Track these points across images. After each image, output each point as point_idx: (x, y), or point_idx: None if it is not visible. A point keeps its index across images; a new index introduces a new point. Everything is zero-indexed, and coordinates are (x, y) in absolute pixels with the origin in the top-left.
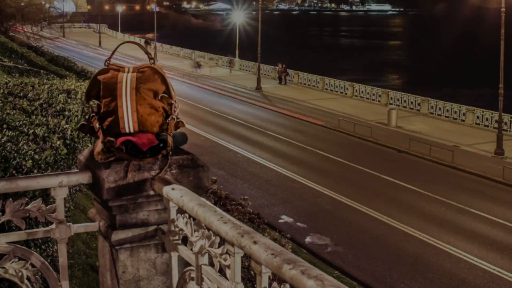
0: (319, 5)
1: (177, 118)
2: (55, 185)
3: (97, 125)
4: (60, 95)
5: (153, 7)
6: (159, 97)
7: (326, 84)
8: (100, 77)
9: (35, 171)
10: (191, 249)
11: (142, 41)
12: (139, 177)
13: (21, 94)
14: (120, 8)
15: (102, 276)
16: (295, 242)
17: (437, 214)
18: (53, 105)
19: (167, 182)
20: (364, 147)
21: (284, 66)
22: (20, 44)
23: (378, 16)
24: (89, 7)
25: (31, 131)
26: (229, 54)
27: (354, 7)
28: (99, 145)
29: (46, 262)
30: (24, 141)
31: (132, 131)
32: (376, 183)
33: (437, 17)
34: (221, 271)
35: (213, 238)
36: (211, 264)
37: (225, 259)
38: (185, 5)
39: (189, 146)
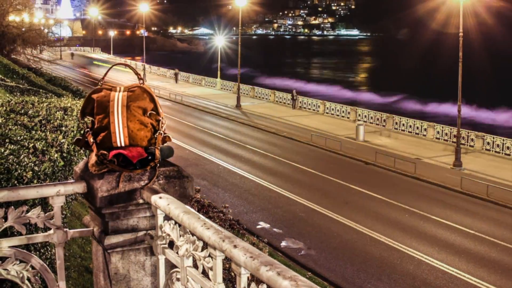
0: (293, 30)
1: (164, 133)
2: (53, 194)
3: (91, 139)
4: (57, 112)
5: (142, 32)
6: (148, 114)
7: (300, 102)
8: (94, 96)
9: (35, 181)
10: (177, 253)
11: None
12: (130, 187)
13: (22, 111)
14: (112, 33)
15: (96, 277)
16: (271, 246)
17: (401, 220)
18: (51, 121)
19: (155, 192)
20: (334, 160)
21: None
22: (21, 66)
23: (347, 40)
24: (84, 32)
25: (31, 145)
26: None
27: (325, 32)
28: (93, 158)
29: (44, 264)
30: (25, 154)
31: (123, 145)
32: (345, 192)
33: (401, 41)
34: (204, 273)
35: (197, 242)
36: (195, 266)
37: (208, 262)
38: (171, 30)
39: (175, 158)
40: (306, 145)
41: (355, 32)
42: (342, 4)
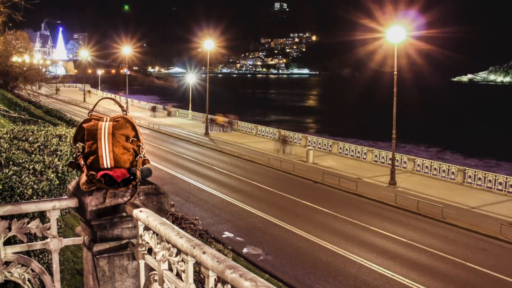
0: (253, 69)
1: (144, 157)
2: (49, 208)
3: (82, 162)
4: (53, 139)
5: (125, 71)
6: (130, 141)
7: (259, 130)
8: (85, 125)
9: (34, 197)
10: (155, 258)
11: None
12: (115, 202)
13: (24, 138)
14: (100, 72)
15: (86, 279)
16: (235, 252)
17: (344, 230)
18: (48, 147)
19: (136, 206)
20: (288, 179)
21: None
22: (23, 99)
23: (299, 78)
24: (76, 71)
25: (31, 167)
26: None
27: (280, 71)
28: (83, 178)
29: (43, 268)
30: (26, 175)
31: (109, 166)
32: (297, 206)
33: (345, 79)
34: (178, 275)
35: (171, 249)
36: (170, 269)
37: (181, 266)
38: (150, 69)
39: (153, 178)
40: (264, 166)
41: (305, 70)
42: (294, 47)
